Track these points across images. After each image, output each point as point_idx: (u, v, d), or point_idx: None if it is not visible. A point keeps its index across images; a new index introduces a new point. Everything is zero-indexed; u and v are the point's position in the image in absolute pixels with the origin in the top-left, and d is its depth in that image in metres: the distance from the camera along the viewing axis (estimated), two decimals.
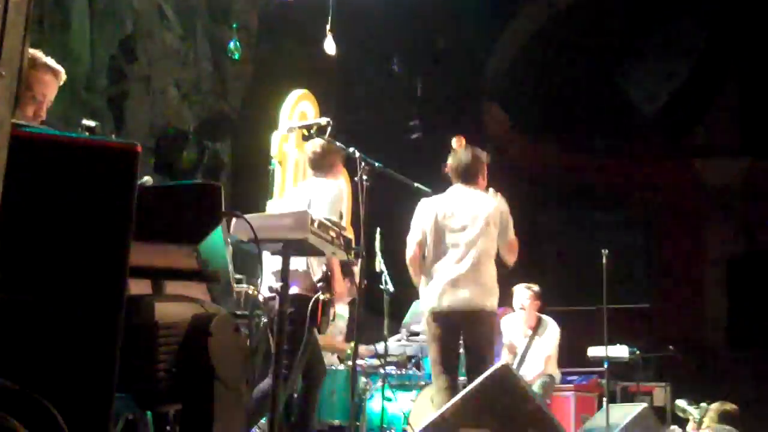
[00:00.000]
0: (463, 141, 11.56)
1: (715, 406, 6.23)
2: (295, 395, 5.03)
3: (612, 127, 13.86)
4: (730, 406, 6.15)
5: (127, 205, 2.01)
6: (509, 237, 5.43)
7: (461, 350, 5.44)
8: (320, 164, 5.17)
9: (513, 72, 13.57)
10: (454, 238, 5.30)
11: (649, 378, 8.71)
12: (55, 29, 7.01)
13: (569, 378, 8.00)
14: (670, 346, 8.98)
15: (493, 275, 5.31)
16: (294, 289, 4.35)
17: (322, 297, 4.38)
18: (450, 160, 5.67)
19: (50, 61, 3.46)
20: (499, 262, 5.42)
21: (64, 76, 3.53)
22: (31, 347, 1.89)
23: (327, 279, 4.52)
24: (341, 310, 7.50)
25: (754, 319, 12.57)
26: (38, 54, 3.43)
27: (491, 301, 5.25)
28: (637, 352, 8.20)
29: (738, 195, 13.71)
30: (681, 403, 6.97)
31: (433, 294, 5.23)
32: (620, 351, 7.98)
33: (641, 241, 13.68)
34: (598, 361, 7.43)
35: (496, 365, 4.87)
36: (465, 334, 5.28)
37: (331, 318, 4.52)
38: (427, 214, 5.39)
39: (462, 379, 6.30)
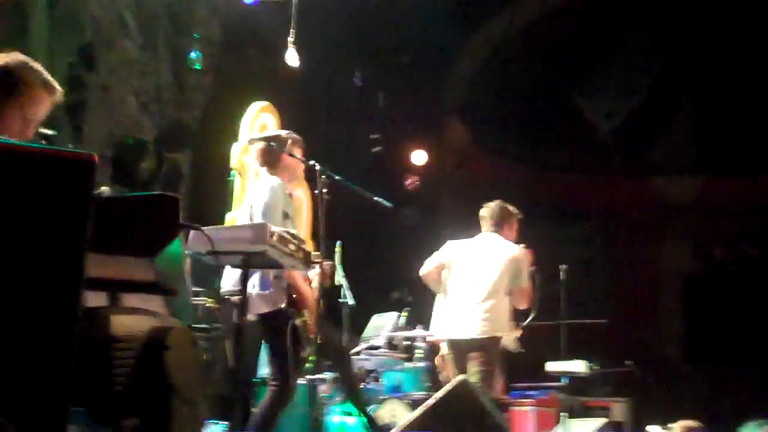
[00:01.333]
0: (417, 182, 11.63)
1: (679, 424, 6.27)
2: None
3: (571, 142, 13.99)
4: (694, 423, 6.21)
5: (83, 215, 1.98)
6: (520, 284, 6.03)
7: None
8: (265, 160, 4.96)
9: (474, 86, 13.64)
10: (471, 276, 6.01)
11: (607, 393, 8.75)
12: (13, 35, 6.90)
13: (528, 393, 8.02)
14: (628, 362, 9.04)
15: (505, 310, 5.97)
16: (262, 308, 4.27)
17: (297, 322, 4.33)
18: (482, 211, 6.44)
19: (49, 79, 3.27)
20: None
21: (59, 96, 3.34)
22: None
23: (293, 302, 4.43)
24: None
25: (710, 335, 12.73)
26: (31, 63, 3.24)
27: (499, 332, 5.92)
28: (596, 367, 8.26)
29: (694, 212, 13.89)
30: (653, 429, 7.00)
31: (450, 324, 6.01)
32: (578, 366, 8.03)
33: (599, 257, 13.79)
34: (556, 376, 7.47)
35: (455, 380, 4.89)
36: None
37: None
38: (450, 250, 6.29)
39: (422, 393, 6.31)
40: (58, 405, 1.88)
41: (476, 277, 6.01)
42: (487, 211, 6.37)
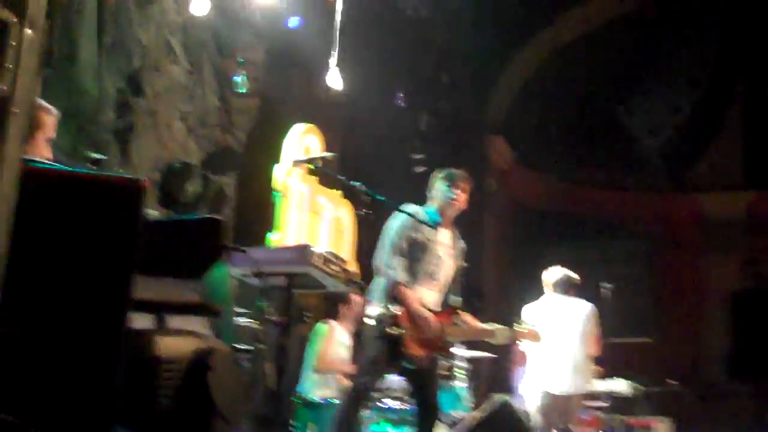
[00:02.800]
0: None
1: None
2: None
3: (615, 160, 13.89)
4: None
5: (132, 239, 2.05)
6: (594, 335, 6.81)
7: None
8: None
9: (517, 105, 13.64)
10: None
11: (650, 412, 8.66)
12: (63, 62, 7.06)
13: None
14: (672, 380, 8.93)
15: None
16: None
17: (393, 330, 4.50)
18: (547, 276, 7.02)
19: (44, 104, 3.53)
20: None
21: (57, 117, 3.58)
22: (31, 381, 1.91)
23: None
24: (344, 338, 7.52)
25: (756, 354, 12.50)
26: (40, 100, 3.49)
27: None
28: (639, 386, 8.17)
29: (741, 229, 13.68)
30: None
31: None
32: (621, 385, 7.96)
33: (643, 275, 13.64)
34: (599, 396, 7.42)
35: (496, 399, 4.89)
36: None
37: None
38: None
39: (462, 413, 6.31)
40: (103, 423, 1.94)
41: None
42: (556, 277, 7.02)
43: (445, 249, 4.89)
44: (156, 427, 2.28)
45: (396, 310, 4.41)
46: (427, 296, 4.68)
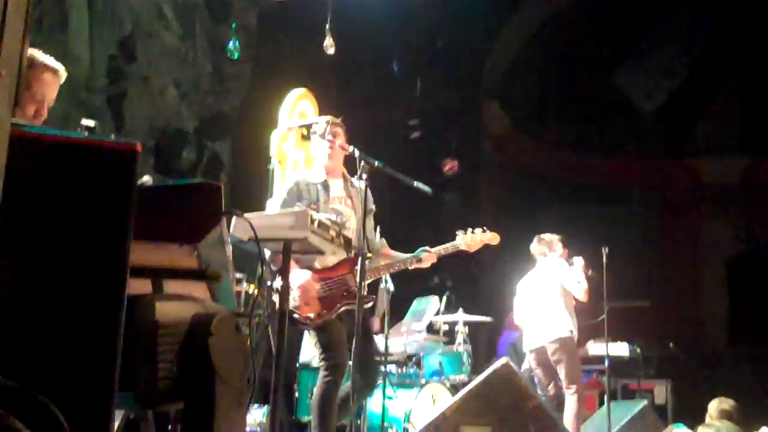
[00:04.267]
0: (456, 165, 11.64)
1: (713, 403, 6.23)
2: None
3: (611, 125, 13.86)
4: (728, 403, 6.16)
5: (127, 204, 2.01)
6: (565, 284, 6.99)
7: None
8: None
9: (512, 70, 13.56)
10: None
11: (649, 375, 8.71)
12: (54, 29, 6.99)
13: None
14: (671, 344, 8.97)
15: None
16: None
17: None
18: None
19: (49, 60, 3.44)
20: None
21: (64, 75, 3.50)
22: (31, 346, 1.89)
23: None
24: None
25: (753, 317, 12.56)
26: (37, 53, 3.40)
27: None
28: (638, 349, 8.21)
29: (737, 193, 13.69)
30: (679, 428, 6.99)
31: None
32: (621, 348, 7.99)
33: (640, 240, 13.65)
34: (599, 359, 7.44)
35: (497, 363, 4.89)
36: None
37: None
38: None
39: (462, 377, 6.32)
40: (103, 390, 1.92)
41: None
42: (532, 247, 7.39)
43: (341, 200, 4.77)
44: (157, 392, 2.26)
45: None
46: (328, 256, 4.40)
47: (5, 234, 1.89)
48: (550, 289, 6.96)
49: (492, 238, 5.14)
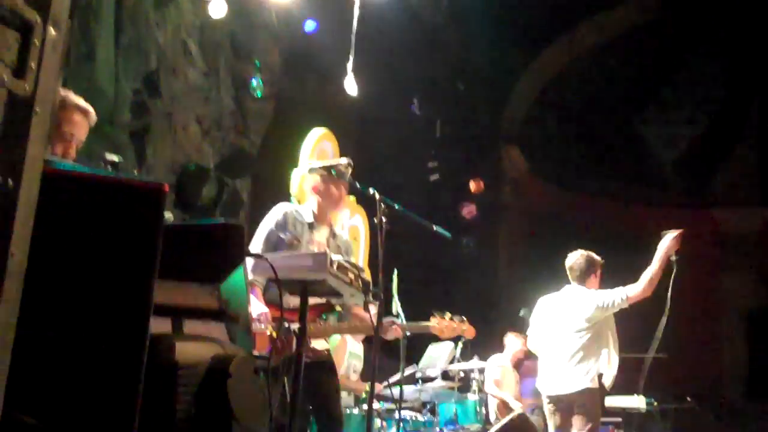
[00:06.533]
0: (481, 184, 11.59)
1: None
2: None
3: (631, 172, 13.83)
4: None
5: (154, 244, 2.00)
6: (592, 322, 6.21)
7: None
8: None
9: (532, 115, 13.60)
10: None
11: (666, 429, 8.59)
12: (81, 62, 7.06)
13: None
14: (688, 398, 8.86)
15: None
16: None
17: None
18: (567, 261, 6.50)
19: (81, 102, 3.51)
20: None
21: (94, 117, 3.57)
22: (53, 385, 1.88)
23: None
24: (356, 349, 7.48)
25: None
26: (69, 94, 3.48)
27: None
28: (655, 403, 8.10)
29: (757, 244, 13.59)
30: None
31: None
32: (637, 402, 7.89)
33: (659, 290, 13.53)
34: (614, 412, 7.35)
35: (512, 414, 4.83)
36: None
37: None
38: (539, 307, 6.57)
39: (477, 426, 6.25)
40: (123, 430, 1.90)
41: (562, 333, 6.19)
42: (571, 262, 6.48)
43: (321, 247, 4.72)
44: None
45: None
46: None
47: (32, 271, 1.88)
48: (574, 326, 6.24)
49: (467, 330, 5.04)
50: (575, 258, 6.45)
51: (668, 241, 6.32)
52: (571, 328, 6.16)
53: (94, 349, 1.90)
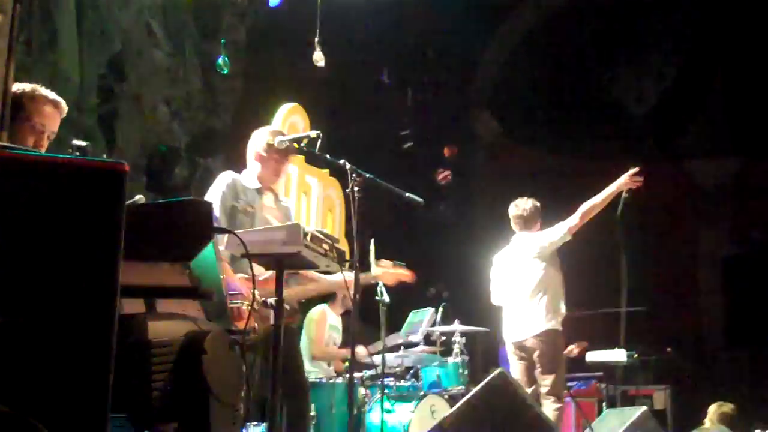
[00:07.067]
0: (455, 150, 11.60)
1: (713, 407, 6.22)
2: None
3: (603, 129, 13.86)
4: (727, 407, 6.15)
5: (116, 224, 2.00)
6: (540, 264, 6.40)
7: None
8: None
9: (502, 78, 13.59)
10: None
11: (648, 381, 8.69)
12: (44, 50, 6.99)
13: (569, 383, 7.99)
14: (668, 349, 8.97)
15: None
16: None
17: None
18: (510, 210, 6.70)
19: (51, 94, 3.49)
20: None
21: (65, 108, 3.55)
22: (22, 369, 1.88)
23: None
24: (335, 321, 7.54)
25: (750, 319, 12.54)
26: (38, 87, 3.47)
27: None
28: (635, 355, 8.20)
29: (730, 195, 13.70)
30: None
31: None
32: (618, 355, 7.98)
33: (635, 244, 13.63)
34: (596, 366, 7.43)
35: (493, 373, 4.87)
36: None
37: None
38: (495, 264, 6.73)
39: (460, 388, 6.31)
40: (97, 411, 1.91)
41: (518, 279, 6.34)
42: (520, 209, 6.69)
43: (272, 212, 4.73)
44: (151, 413, 2.25)
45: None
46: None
47: None
48: (528, 271, 6.40)
49: (409, 275, 5.02)
50: (524, 204, 6.67)
51: (623, 178, 6.50)
52: (524, 272, 6.36)
53: (62, 332, 1.90)
